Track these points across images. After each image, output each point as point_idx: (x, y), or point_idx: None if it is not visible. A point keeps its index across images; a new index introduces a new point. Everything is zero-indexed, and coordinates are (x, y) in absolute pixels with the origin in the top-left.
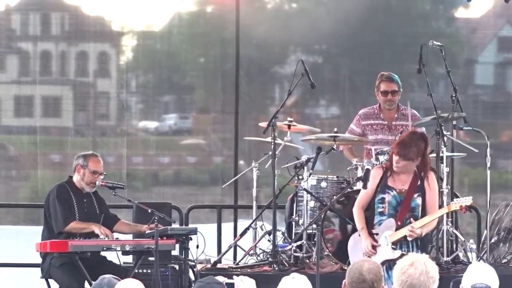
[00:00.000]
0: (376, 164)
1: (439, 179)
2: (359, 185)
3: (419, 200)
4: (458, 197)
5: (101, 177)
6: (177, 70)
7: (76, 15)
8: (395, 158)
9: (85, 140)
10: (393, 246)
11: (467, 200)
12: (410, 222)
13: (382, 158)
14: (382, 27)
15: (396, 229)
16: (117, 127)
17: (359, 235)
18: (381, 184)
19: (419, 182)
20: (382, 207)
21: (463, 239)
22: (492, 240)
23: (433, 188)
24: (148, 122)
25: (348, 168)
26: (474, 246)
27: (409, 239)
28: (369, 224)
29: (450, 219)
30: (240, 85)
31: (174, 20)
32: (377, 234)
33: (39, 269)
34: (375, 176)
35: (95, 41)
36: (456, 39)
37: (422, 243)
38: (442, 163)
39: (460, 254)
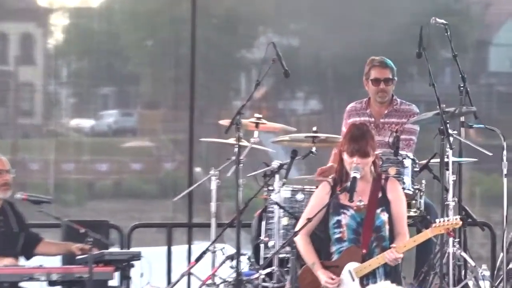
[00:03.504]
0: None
1: (444, 190)
2: (344, 197)
3: (384, 216)
4: (468, 212)
5: (11, 175)
6: (118, 55)
7: None
8: (350, 158)
9: (2, 143)
10: (363, 283)
11: (454, 222)
12: (379, 247)
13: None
14: (376, 1)
15: (363, 259)
16: (43, 126)
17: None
18: (332, 204)
19: (380, 194)
20: (340, 232)
21: (473, 264)
22: (510, 265)
23: (399, 196)
24: (82, 120)
25: (330, 177)
26: (487, 273)
27: (391, 264)
28: (323, 254)
29: (457, 239)
30: (197, 74)
31: None
32: (336, 266)
33: None
34: (321, 196)
35: (16, 20)
36: (466, 17)
37: (391, 269)
38: (448, 169)
39: (470, 283)
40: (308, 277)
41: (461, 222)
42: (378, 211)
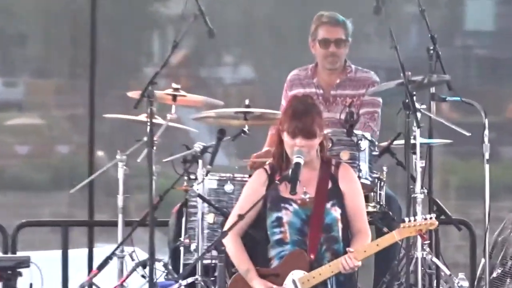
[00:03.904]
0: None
1: (410, 179)
2: (284, 188)
3: (335, 212)
4: (440, 207)
5: None
6: (0, 11)
7: None
8: (291, 140)
9: None
10: None
11: (428, 222)
12: (330, 251)
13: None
14: None
15: (311, 267)
16: None
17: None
18: (271, 197)
19: (330, 184)
20: (280, 232)
21: (448, 272)
22: (494, 274)
23: (354, 186)
24: None
25: (267, 162)
26: (466, 284)
27: (347, 272)
28: (259, 260)
29: (427, 242)
30: (98, 35)
31: None
32: (277, 275)
33: None
34: (256, 187)
35: None
36: None
37: (345, 279)
38: (415, 153)
39: None
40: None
41: (437, 223)
42: (328, 205)
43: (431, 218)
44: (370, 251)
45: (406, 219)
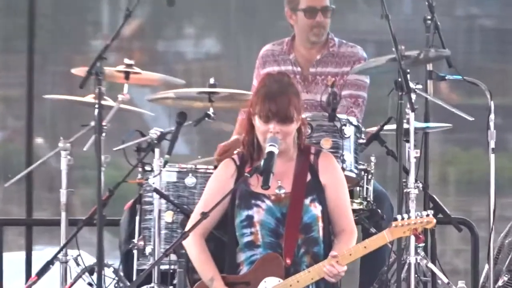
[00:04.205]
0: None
1: (403, 171)
2: (256, 182)
3: (316, 209)
4: (438, 204)
5: None
6: None
7: None
8: (264, 125)
9: None
10: None
11: (425, 220)
12: (309, 254)
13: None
14: None
15: (287, 273)
16: None
17: None
18: (240, 192)
19: (308, 176)
20: (251, 233)
21: (446, 280)
22: (500, 282)
23: (337, 178)
24: None
25: (235, 151)
26: None
27: (330, 280)
28: (226, 266)
29: (421, 245)
30: (37, 1)
31: None
32: (247, 284)
33: None
34: (222, 180)
35: None
36: None
37: (326, 286)
38: (408, 141)
39: None
40: None
41: (435, 221)
42: (307, 201)
43: (427, 215)
44: (356, 255)
45: (399, 216)
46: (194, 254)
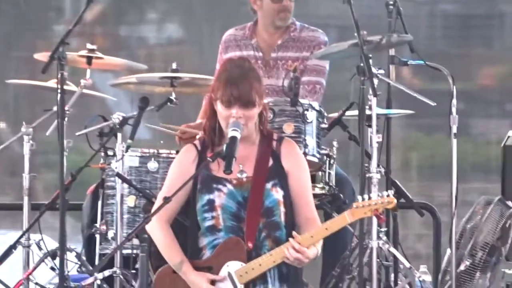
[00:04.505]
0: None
1: (365, 156)
2: (217, 167)
3: (277, 194)
4: (400, 189)
5: None
6: None
7: None
8: (226, 110)
9: None
10: None
11: (386, 200)
12: (270, 239)
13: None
14: None
15: (249, 257)
16: None
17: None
18: (201, 177)
19: (270, 161)
20: (212, 217)
21: (408, 265)
22: (462, 267)
23: (299, 164)
24: None
25: (198, 136)
26: (428, 278)
27: (294, 264)
28: (188, 250)
29: (384, 229)
30: None
31: None
32: (209, 268)
33: None
34: (184, 165)
35: None
36: None
37: (288, 271)
38: (370, 126)
39: None
40: (168, 285)
41: (395, 201)
42: (269, 186)
43: (388, 195)
44: (318, 237)
45: (360, 197)
46: (160, 240)
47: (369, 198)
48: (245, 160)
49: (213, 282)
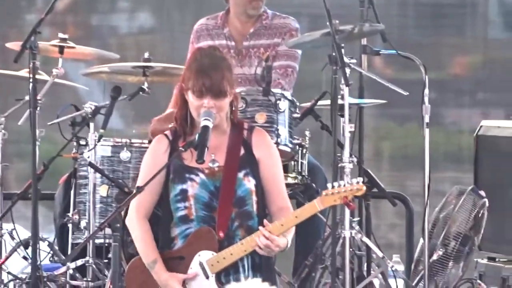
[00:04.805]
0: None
1: (337, 145)
2: (189, 156)
3: (249, 183)
4: (372, 178)
5: None
6: None
7: None
8: (198, 100)
9: None
10: (221, 281)
11: (355, 187)
12: (243, 228)
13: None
14: None
15: (220, 246)
16: None
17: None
18: (174, 167)
19: (242, 150)
20: (185, 207)
21: (381, 254)
22: (435, 256)
23: (270, 153)
24: None
25: (170, 125)
26: (401, 267)
27: (263, 253)
28: (161, 240)
29: (356, 218)
30: None
31: None
32: (181, 258)
33: None
34: (156, 155)
35: None
36: None
37: (261, 261)
38: (342, 116)
39: (376, 282)
40: (140, 276)
41: (365, 188)
42: (241, 175)
43: (357, 182)
44: (288, 225)
45: (329, 185)
46: (137, 235)
47: (339, 185)
48: (217, 150)
49: (184, 282)
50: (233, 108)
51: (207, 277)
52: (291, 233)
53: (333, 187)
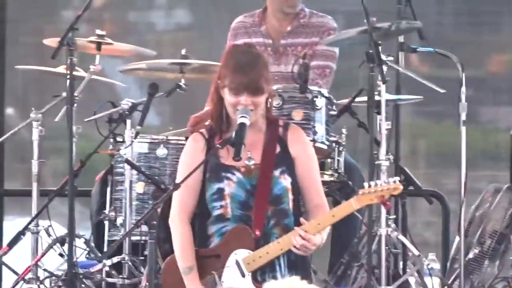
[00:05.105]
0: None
1: (374, 143)
2: (226, 154)
3: (285, 181)
4: (409, 176)
5: None
6: None
7: None
8: (234, 97)
9: None
10: (257, 279)
11: (392, 186)
12: (279, 226)
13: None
14: None
15: (256, 245)
16: None
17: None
18: (210, 165)
19: (278, 148)
20: (221, 206)
21: (416, 252)
22: (470, 255)
23: (306, 150)
24: None
25: (207, 122)
26: (437, 266)
27: (300, 253)
28: (197, 238)
29: (392, 216)
30: None
31: None
32: (217, 256)
33: None
34: (193, 154)
35: None
36: None
37: (297, 259)
38: (379, 113)
39: (412, 280)
40: (176, 272)
41: (401, 187)
42: (277, 173)
43: (394, 181)
44: (324, 224)
45: (366, 184)
46: (177, 237)
47: (375, 184)
48: (253, 147)
49: (220, 280)
50: (268, 105)
51: (243, 276)
52: (326, 231)
53: (369, 186)
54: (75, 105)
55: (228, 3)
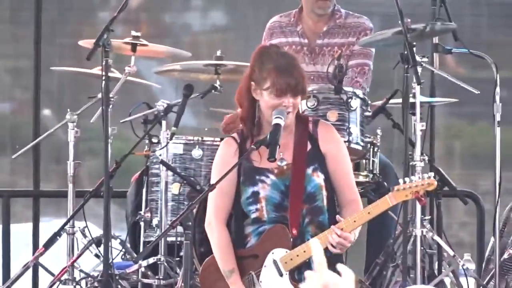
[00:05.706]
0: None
1: (409, 144)
2: (258, 157)
3: (318, 178)
4: (444, 176)
5: None
6: None
7: None
8: (277, 99)
9: None
10: (295, 278)
11: (426, 182)
12: (314, 224)
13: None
14: None
15: (294, 244)
16: None
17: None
18: (243, 169)
19: (309, 146)
20: (256, 209)
21: (452, 253)
22: (506, 255)
23: (337, 146)
24: None
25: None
26: (472, 266)
27: (335, 251)
28: (234, 237)
29: (427, 217)
30: None
31: None
32: (255, 256)
33: None
34: (226, 159)
35: None
36: None
37: (331, 257)
38: (414, 114)
39: (447, 280)
40: (214, 273)
41: (436, 183)
42: (309, 171)
43: (429, 177)
44: (360, 221)
45: (401, 180)
46: (215, 241)
47: (410, 180)
48: (284, 148)
49: (258, 279)
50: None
51: (281, 275)
52: (358, 228)
53: (404, 182)
54: (111, 106)
55: (265, 5)
